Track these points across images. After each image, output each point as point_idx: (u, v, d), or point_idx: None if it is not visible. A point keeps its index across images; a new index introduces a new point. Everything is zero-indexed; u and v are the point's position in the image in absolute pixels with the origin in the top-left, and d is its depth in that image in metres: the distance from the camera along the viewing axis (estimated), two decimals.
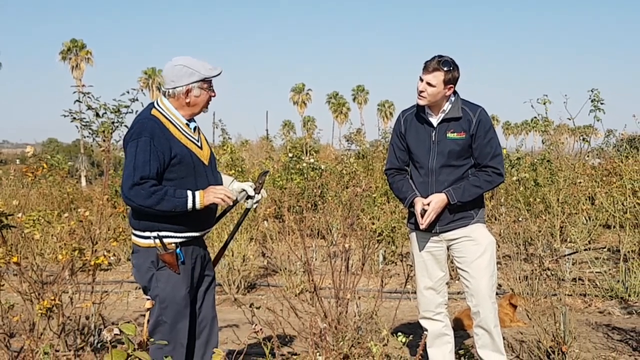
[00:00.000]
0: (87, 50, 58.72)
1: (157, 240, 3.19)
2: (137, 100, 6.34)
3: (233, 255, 7.16)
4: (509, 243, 7.38)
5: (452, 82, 3.64)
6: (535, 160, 12.20)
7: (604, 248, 8.25)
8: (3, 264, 4.12)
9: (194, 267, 3.35)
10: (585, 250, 7.56)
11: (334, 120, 78.91)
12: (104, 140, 6.38)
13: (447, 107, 3.72)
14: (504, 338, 4.11)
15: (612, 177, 9.88)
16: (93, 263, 4.45)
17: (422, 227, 3.70)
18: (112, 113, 6.34)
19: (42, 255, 6.35)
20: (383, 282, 4.66)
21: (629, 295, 6.34)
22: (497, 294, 3.95)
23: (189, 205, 3.16)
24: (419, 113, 3.80)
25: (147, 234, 3.22)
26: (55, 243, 5.38)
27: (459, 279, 3.99)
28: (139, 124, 3.23)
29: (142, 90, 6.63)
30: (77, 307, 4.64)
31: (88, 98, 6.33)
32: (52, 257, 5.13)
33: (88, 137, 6.77)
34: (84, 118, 6.54)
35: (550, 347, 4.25)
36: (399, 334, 4.17)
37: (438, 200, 3.66)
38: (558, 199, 8.73)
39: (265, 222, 8.84)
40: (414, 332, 4.90)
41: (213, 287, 3.58)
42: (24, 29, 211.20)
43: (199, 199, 3.19)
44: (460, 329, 5.26)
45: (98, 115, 6.38)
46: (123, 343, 1.89)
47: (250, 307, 4.23)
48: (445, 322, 3.95)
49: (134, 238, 3.30)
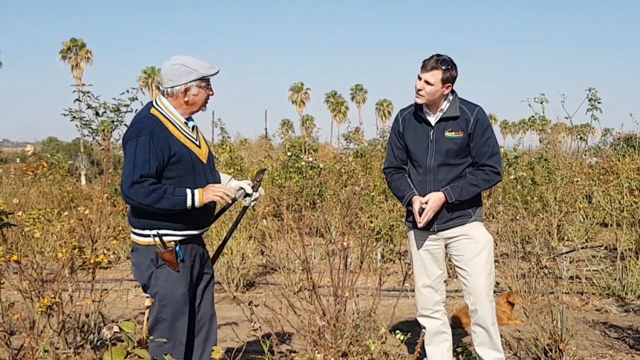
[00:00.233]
0: (87, 50, 58.72)
1: (156, 239, 3.19)
2: (136, 99, 6.37)
3: (232, 254, 7.16)
4: (507, 241, 7.38)
5: (450, 80, 3.65)
6: (533, 159, 12.19)
7: (601, 246, 8.23)
8: (3, 262, 4.12)
9: (193, 265, 3.35)
10: (583, 249, 7.55)
11: (333, 119, 78.94)
12: (104, 139, 6.38)
13: (445, 106, 3.73)
14: (502, 336, 4.12)
15: (609, 175, 9.86)
16: (93, 261, 4.43)
17: (420, 225, 3.71)
18: (111, 112, 6.35)
19: (42, 254, 6.34)
20: (381, 280, 4.66)
21: (626, 293, 6.36)
22: (494, 292, 3.93)
23: (189, 203, 3.17)
24: (417, 112, 3.80)
25: (146, 232, 3.22)
26: (55, 241, 5.38)
27: (457, 277, 3.99)
28: (138, 123, 3.23)
29: (141, 90, 6.65)
30: (77, 305, 4.63)
31: (88, 97, 6.35)
32: (52, 255, 5.15)
33: (88, 136, 6.78)
34: (84, 117, 6.56)
35: (548, 344, 4.26)
36: (397, 332, 4.18)
37: (436, 199, 3.67)
38: (555, 198, 8.73)
39: (264, 220, 8.84)
40: (412, 329, 4.92)
41: (212, 285, 3.58)
42: (24, 29, 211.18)
43: (198, 197, 3.19)
44: (458, 327, 5.27)
45: (98, 114, 6.39)
46: (123, 341, 1.89)
47: (249, 305, 4.23)
48: (443, 319, 3.96)
49: (133, 236, 3.30)
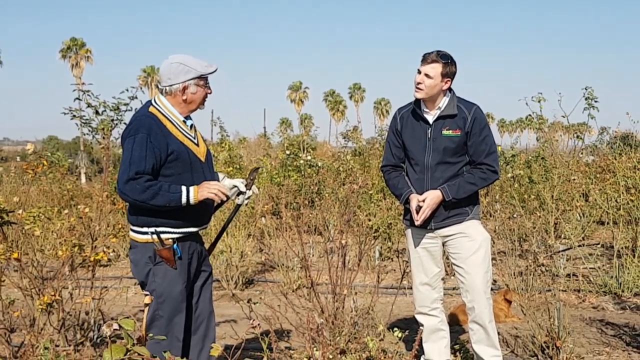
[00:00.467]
0: (86, 49, 58.73)
1: (154, 236, 3.20)
2: (136, 98, 6.38)
3: (231, 252, 7.16)
4: (504, 239, 7.39)
5: (449, 75, 3.67)
6: (530, 158, 12.20)
7: (598, 244, 8.23)
8: (4, 260, 4.13)
9: (191, 262, 3.36)
10: (579, 247, 7.55)
11: (331, 118, 78.93)
12: (104, 138, 6.40)
13: (442, 103, 3.74)
14: (499, 333, 4.13)
15: (605, 174, 9.88)
16: (93, 259, 4.44)
17: (417, 223, 3.72)
18: (111, 111, 6.36)
19: (42, 252, 6.33)
20: (379, 277, 4.67)
21: (623, 291, 6.37)
22: (492, 290, 3.94)
23: (183, 200, 3.17)
24: (415, 110, 3.82)
25: (144, 230, 3.23)
26: (55, 239, 5.37)
27: (455, 275, 4.00)
28: (137, 121, 3.25)
29: (140, 88, 6.66)
30: (76, 302, 4.65)
31: (88, 96, 6.35)
32: (52, 253, 5.15)
33: (88, 134, 6.79)
34: (84, 116, 6.57)
35: (545, 342, 4.27)
36: (395, 329, 4.21)
37: (433, 197, 3.68)
38: (552, 196, 8.73)
39: (263, 218, 8.85)
40: (410, 327, 4.93)
41: (210, 282, 3.59)
42: (25, 28, 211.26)
43: (193, 194, 3.20)
44: (456, 324, 5.28)
45: (98, 113, 6.40)
46: (122, 338, 1.89)
47: (248, 302, 4.25)
48: (441, 317, 3.98)
49: (132, 234, 3.31)
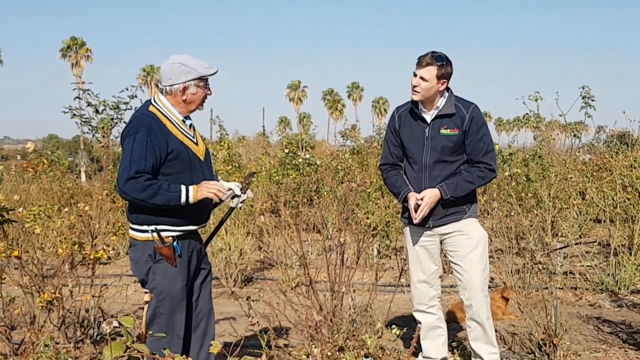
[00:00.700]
0: (86, 48, 58.79)
1: (154, 234, 3.21)
2: (135, 97, 6.41)
3: (230, 249, 7.17)
4: (501, 237, 7.39)
5: (445, 77, 3.67)
6: (527, 156, 12.24)
7: (595, 242, 8.22)
8: (4, 258, 4.15)
9: (190, 260, 3.38)
10: (576, 245, 7.57)
11: (329, 117, 78.96)
12: (104, 136, 6.41)
13: (440, 103, 3.75)
14: (496, 330, 4.13)
15: (602, 172, 9.87)
16: (93, 257, 4.46)
17: (415, 221, 3.74)
18: (111, 109, 6.38)
19: (42, 249, 6.33)
20: (377, 275, 4.69)
21: (619, 289, 6.39)
22: (489, 288, 3.96)
23: (183, 200, 3.19)
24: (413, 109, 3.83)
25: (144, 228, 3.24)
26: (56, 237, 5.40)
27: (452, 273, 4.01)
28: (137, 120, 3.25)
29: (140, 87, 6.68)
30: (77, 300, 4.66)
31: (88, 95, 6.36)
32: (52, 251, 5.17)
33: (88, 133, 6.82)
34: (84, 114, 6.58)
35: (542, 339, 4.27)
36: (393, 327, 4.25)
37: (431, 195, 3.70)
38: (549, 194, 8.75)
39: (262, 216, 8.87)
40: (408, 324, 4.96)
41: (209, 280, 3.61)
42: (25, 27, 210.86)
43: (192, 194, 3.22)
44: (453, 322, 5.29)
45: (97, 112, 6.40)
46: (122, 335, 1.91)
47: (247, 300, 4.27)
48: (439, 314, 3.99)
49: (132, 232, 3.32)
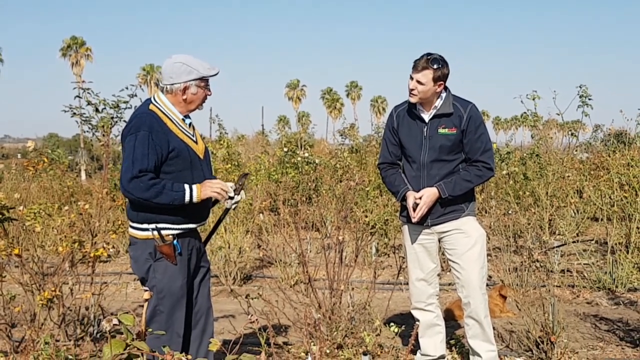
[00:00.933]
0: (86, 47, 58.98)
1: (155, 232, 3.22)
2: (135, 96, 6.40)
3: (229, 248, 7.19)
4: (499, 235, 7.41)
5: (441, 79, 3.68)
6: (525, 155, 12.24)
7: (592, 240, 8.27)
8: (5, 256, 4.16)
9: (190, 258, 3.39)
10: (574, 243, 7.59)
11: (328, 116, 79.12)
12: (104, 135, 6.43)
13: (438, 103, 3.76)
14: (494, 328, 4.16)
15: (599, 171, 9.89)
16: (92, 255, 4.47)
17: (414, 220, 3.75)
18: (111, 108, 6.38)
19: (42, 248, 6.34)
20: (376, 273, 4.72)
21: (616, 287, 6.41)
22: (487, 285, 3.96)
23: (187, 199, 3.21)
24: (411, 109, 3.84)
25: (144, 226, 3.25)
26: (56, 235, 5.42)
27: (450, 271, 4.02)
28: (138, 119, 3.26)
29: (140, 86, 6.69)
30: (77, 298, 4.67)
31: (88, 94, 6.35)
32: (52, 249, 5.18)
33: (88, 131, 6.83)
34: (84, 113, 6.59)
35: (540, 337, 4.30)
36: (392, 324, 4.27)
37: (429, 194, 3.71)
38: (547, 193, 8.77)
39: (261, 215, 8.89)
40: (406, 322, 4.99)
41: (208, 278, 3.62)
42: (26, 27, 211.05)
43: (196, 193, 3.24)
44: (452, 320, 5.30)
45: (97, 111, 6.41)
46: (122, 333, 1.92)
47: (246, 298, 4.29)
48: (437, 312, 4.00)
49: (132, 230, 3.33)
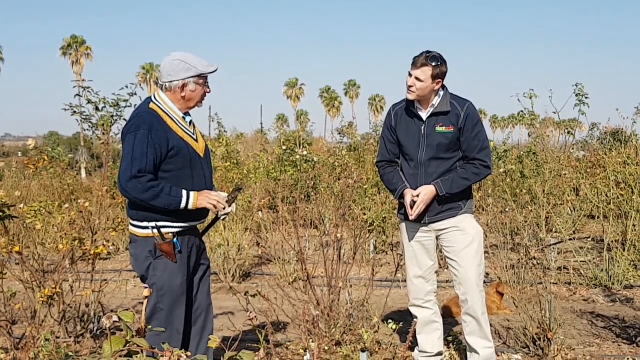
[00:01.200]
0: (87, 46, 59.10)
1: (155, 231, 3.24)
2: (135, 95, 6.40)
3: (229, 245, 7.21)
4: (496, 233, 7.44)
5: (440, 76, 3.69)
6: (522, 153, 12.27)
7: (589, 238, 8.25)
8: (5, 254, 4.18)
9: (190, 256, 3.41)
10: (570, 240, 7.62)
11: (327, 114, 79.22)
12: (104, 133, 6.43)
13: (436, 101, 3.78)
14: (491, 325, 4.16)
15: (596, 169, 9.93)
16: (93, 252, 4.49)
17: (411, 217, 3.77)
18: (111, 107, 6.38)
19: (43, 245, 6.35)
20: (374, 270, 4.75)
21: (613, 284, 6.45)
22: (484, 283, 3.98)
23: (182, 205, 3.23)
24: (409, 107, 3.85)
25: (145, 225, 3.27)
26: (56, 233, 5.44)
27: (448, 268, 4.04)
28: (138, 117, 3.27)
29: (140, 85, 6.71)
30: (77, 295, 4.70)
31: (88, 92, 6.35)
32: (53, 246, 5.22)
33: (88, 130, 6.83)
34: (84, 112, 6.59)
35: (536, 334, 4.33)
36: (390, 321, 4.28)
37: (427, 192, 3.72)
38: (544, 191, 8.78)
39: (260, 212, 8.91)
40: (404, 319, 5.00)
41: (208, 275, 3.64)
42: (26, 26, 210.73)
43: (193, 201, 3.26)
44: (449, 317, 5.33)
45: (98, 109, 6.41)
46: (122, 330, 1.94)
47: (245, 295, 4.31)
48: (435, 309, 4.02)
49: (132, 228, 3.35)
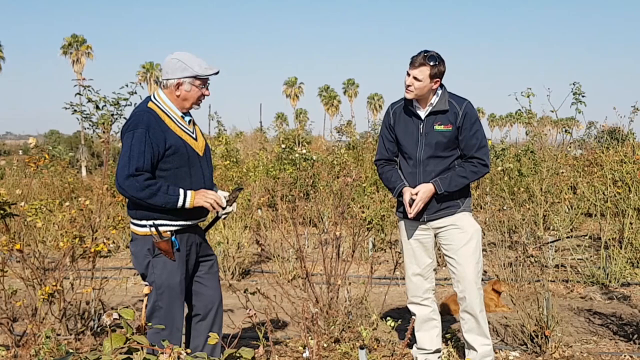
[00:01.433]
0: (87, 45, 59.13)
1: (152, 229, 3.26)
2: (135, 93, 6.39)
3: (228, 243, 7.23)
4: (494, 231, 7.46)
5: (438, 76, 3.71)
6: (520, 151, 12.28)
7: (586, 236, 8.28)
8: (6, 251, 4.21)
9: (189, 254, 3.42)
10: (568, 238, 7.63)
11: (325, 113, 79.27)
12: (104, 132, 6.45)
13: (434, 100, 3.79)
14: (489, 322, 4.16)
15: (593, 167, 9.93)
16: (93, 250, 4.51)
17: (410, 215, 3.78)
18: (111, 106, 6.38)
19: (44, 243, 6.34)
20: (372, 268, 4.77)
21: (610, 281, 6.46)
22: (482, 280, 3.99)
23: (179, 204, 3.25)
24: (407, 106, 3.86)
25: (143, 223, 3.29)
26: (57, 231, 5.46)
27: (446, 266, 4.04)
28: (136, 116, 3.30)
29: (140, 84, 6.71)
30: (77, 292, 4.72)
31: (88, 91, 6.34)
32: (53, 244, 5.24)
33: (88, 128, 6.83)
34: (85, 110, 6.57)
35: (534, 331, 4.35)
36: (388, 319, 4.31)
37: (426, 190, 3.74)
38: (541, 189, 8.82)
39: (259, 210, 8.93)
40: (403, 316, 5.03)
41: (216, 270, 3.61)
42: (27, 25, 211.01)
43: (190, 200, 3.28)
44: (447, 314, 5.35)
45: (98, 108, 6.42)
46: (122, 327, 1.96)
47: (245, 292, 4.34)
48: (433, 307, 4.03)
49: (132, 227, 3.38)
